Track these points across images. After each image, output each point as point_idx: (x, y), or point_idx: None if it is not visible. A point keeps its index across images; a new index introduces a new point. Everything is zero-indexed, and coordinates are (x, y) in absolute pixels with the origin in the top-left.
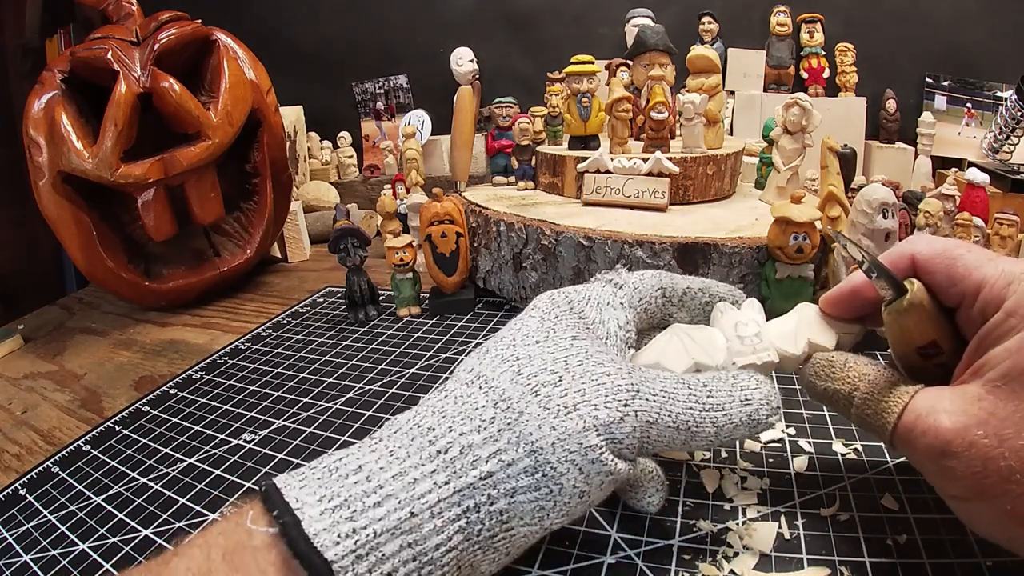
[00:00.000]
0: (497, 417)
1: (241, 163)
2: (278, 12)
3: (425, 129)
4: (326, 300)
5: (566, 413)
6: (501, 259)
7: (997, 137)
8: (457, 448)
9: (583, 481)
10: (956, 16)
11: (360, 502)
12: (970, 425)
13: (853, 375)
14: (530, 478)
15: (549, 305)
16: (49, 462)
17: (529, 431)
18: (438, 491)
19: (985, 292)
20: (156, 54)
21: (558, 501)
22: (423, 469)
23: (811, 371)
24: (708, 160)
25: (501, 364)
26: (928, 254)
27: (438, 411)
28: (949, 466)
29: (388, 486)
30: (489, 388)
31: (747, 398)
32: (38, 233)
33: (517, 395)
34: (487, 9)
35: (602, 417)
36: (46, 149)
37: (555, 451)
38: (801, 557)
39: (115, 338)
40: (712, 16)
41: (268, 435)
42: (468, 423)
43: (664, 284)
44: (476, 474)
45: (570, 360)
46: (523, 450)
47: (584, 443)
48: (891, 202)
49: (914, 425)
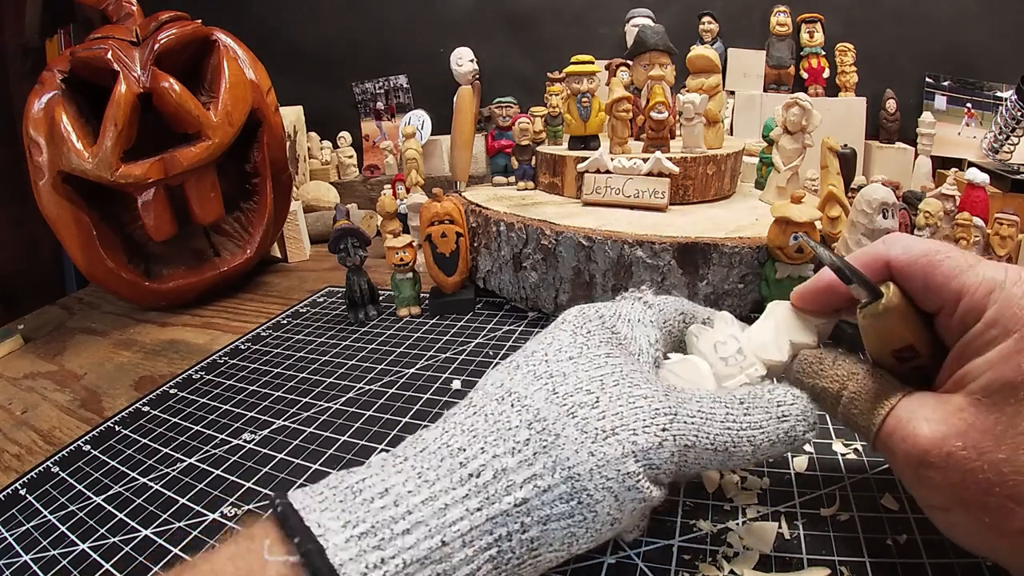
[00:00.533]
0: (532, 439)
1: (241, 163)
2: (278, 12)
3: (425, 129)
4: (326, 300)
5: (604, 438)
6: (501, 259)
7: (997, 137)
8: (490, 472)
9: (617, 508)
10: (956, 16)
11: (388, 529)
12: (949, 436)
13: (841, 373)
14: (565, 505)
15: (580, 319)
16: (49, 462)
17: (566, 455)
18: (470, 518)
19: (965, 300)
20: (156, 54)
21: (590, 528)
22: (454, 494)
23: (798, 368)
24: (708, 160)
25: (534, 381)
26: (905, 260)
27: (468, 430)
28: (927, 476)
29: (418, 512)
30: (522, 407)
31: (784, 414)
32: (38, 233)
33: (553, 416)
34: (487, 9)
35: (641, 443)
36: (46, 149)
37: (592, 478)
38: (801, 557)
39: (115, 338)
40: (712, 16)
41: (268, 435)
42: (501, 444)
43: (686, 310)
44: (510, 500)
45: (606, 380)
46: (560, 476)
47: (622, 470)
48: (891, 202)
49: (894, 430)
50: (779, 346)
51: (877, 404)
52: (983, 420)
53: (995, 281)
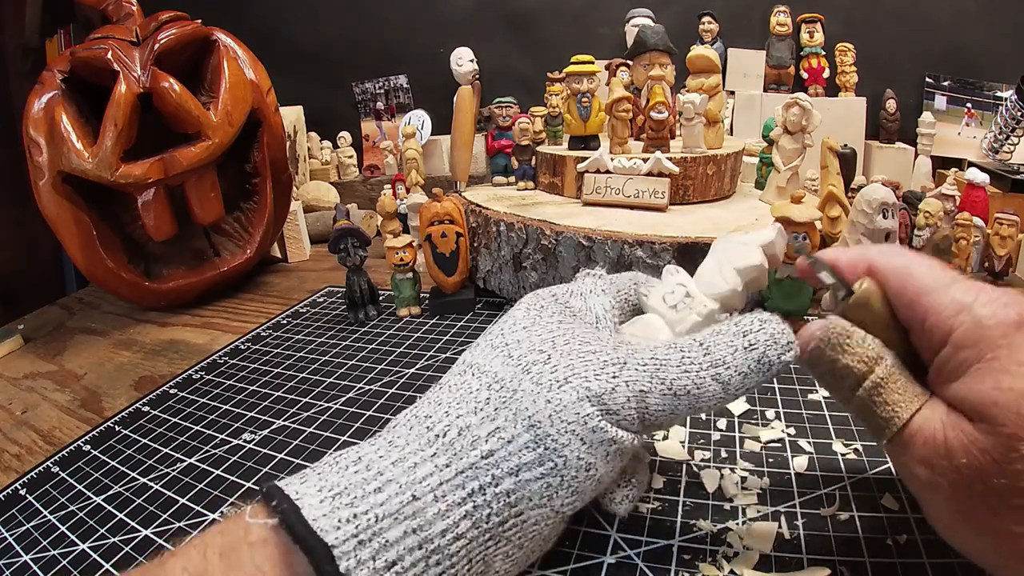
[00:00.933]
0: (492, 397)
1: (241, 163)
2: (278, 12)
3: (425, 129)
4: (326, 300)
5: (559, 386)
6: (501, 259)
7: (997, 137)
8: (455, 430)
9: (587, 452)
10: (956, 16)
11: (360, 489)
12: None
13: (872, 355)
14: (532, 453)
15: (534, 299)
16: (49, 462)
17: (525, 406)
18: (439, 474)
19: (931, 320)
20: (156, 54)
21: (564, 476)
22: (423, 454)
23: (824, 336)
24: (708, 160)
25: (491, 351)
26: (885, 270)
27: (434, 401)
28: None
29: (388, 472)
30: (481, 373)
31: (751, 343)
32: (38, 233)
33: (509, 375)
34: (487, 9)
35: (594, 388)
36: (46, 149)
37: (553, 423)
38: (801, 557)
39: (115, 338)
40: (712, 16)
41: (268, 435)
42: (464, 406)
43: (639, 279)
44: (477, 454)
45: (557, 340)
46: (521, 425)
47: (580, 412)
48: (891, 202)
49: (919, 430)
50: (724, 276)
51: (906, 397)
52: (982, 442)
53: (963, 303)
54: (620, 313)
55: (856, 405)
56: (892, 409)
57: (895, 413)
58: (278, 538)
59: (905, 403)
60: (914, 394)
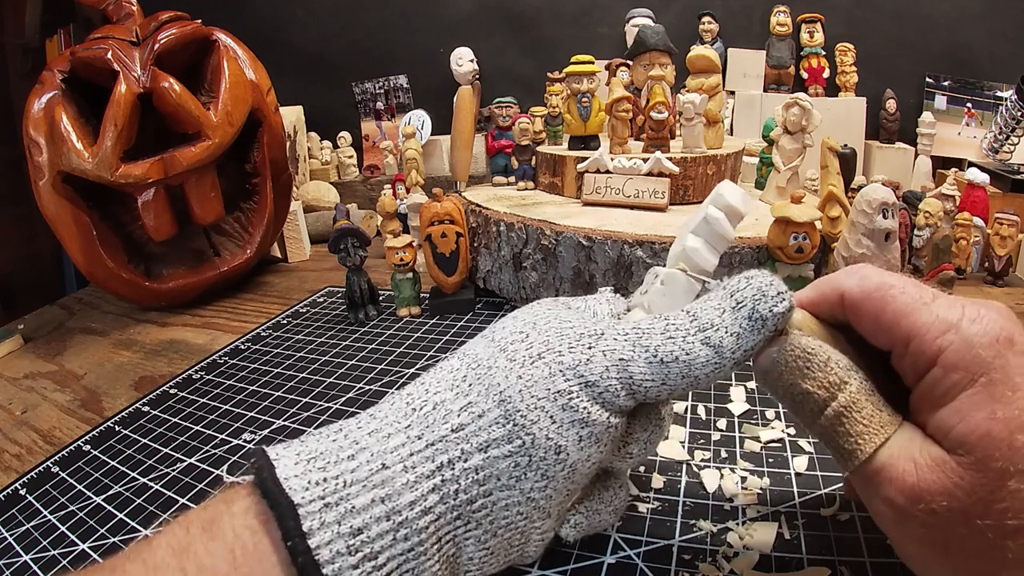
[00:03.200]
0: (468, 375)
1: (241, 163)
2: (278, 12)
3: (425, 129)
4: (326, 300)
5: (532, 362)
6: (501, 259)
7: (997, 137)
8: (430, 405)
9: (556, 432)
10: (956, 16)
11: (334, 455)
12: (934, 492)
13: (834, 380)
14: (502, 429)
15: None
16: (49, 462)
17: (497, 381)
18: (410, 444)
19: (915, 342)
20: (156, 54)
21: (532, 456)
22: (397, 425)
23: (783, 358)
24: (708, 160)
25: (480, 340)
26: (858, 295)
27: (419, 381)
28: (906, 523)
29: (363, 441)
30: (464, 355)
31: (738, 301)
32: (38, 233)
33: (487, 355)
34: (487, 9)
35: (567, 361)
36: (46, 149)
37: (523, 398)
38: (801, 557)
39: (115, 338)
40: (712, 16)
41: (268, 435)
42: (442, 383)
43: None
44: (448, 427)
45: (539, 322)
46: (492, 400)
47: (552, 388)
48: (891, 202)
49: (883, 467)
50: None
51: (872, 428)
52: (969, 480)
53: (949, 322)
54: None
55: (818, 432)
56: (855, 441)
57: (858, 446)
58: (259, 506)
59: (870, 435)
60: (880, 424)
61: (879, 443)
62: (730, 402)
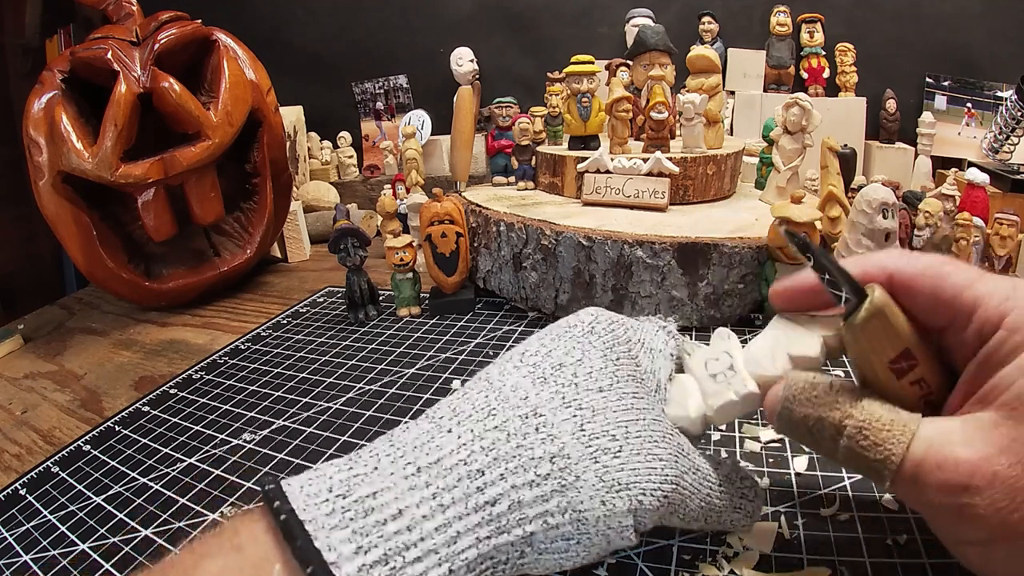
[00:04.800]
0: (552, 475)
1: (241, 163)
2: (278, 12)
3: (425, 129)
4: (326, 300)
5: (617, 491)
6: (501, 259)
7: (997, 137)
8: (507, 503)
9: (606, 548)
10: (956, 16)
11: (400, 557)
12: (991, 454)
13: (843, 399)
14: (564, 542)
15: (610, 339)
16: (49, 462)
17: (580, 499)
18: (478, 547)
19: (981, 311)
20: (156, 54)
21: (575, 560)
22: (468, 520)
23: (788, 395)
24: (708, 160)
25: (563, 409)
26: (910, 273)
27: (488, 449)
28: (970, 504)
29: (430, 540)
30: (548, 436)
31: (739, 507)
32: (38, 233)
33: (576, 455)
34: (487, 9)
35: (645, 503)
36: (46, 149)
37: (597, 524)
38: (801, 557)
39: (115, 338)
40: (712, 16)
41: (268, 435)
42: (522, 475)
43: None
44: (519, 533)
45: (631, 428)
46: (568, 518)
47: (623, 522)
48: (891, 202)
49: (924, 458)
50: (775, 360)
51: (895, 430)
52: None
53: (1007, 288)
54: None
55: (844, 456)
56: (883, 449)
57: (888, 451)
58: None
59: (896, 437)
60: (903, 424)
61: (907, 441)
62: None
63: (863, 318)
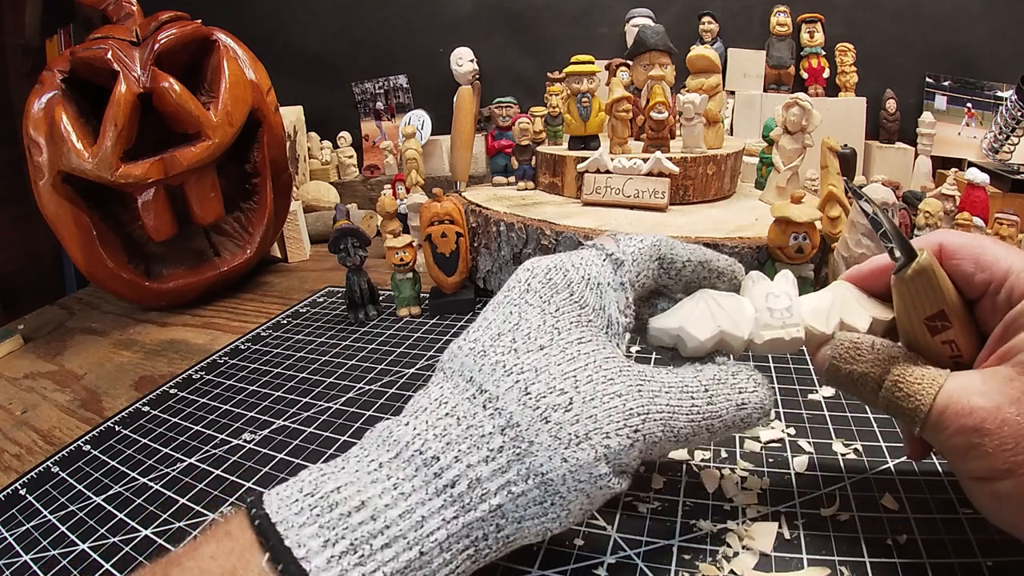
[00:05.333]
0: (506, 446)
1: (241, 163)
2: (278, 12)
3: (425, 129)
4: (326, 300)
5: (577, 443)
6: (501, 259)
7: (997, 137)
8: (465, 482)
9: (589, 503)
10: (956, 16)
11: (367, 545)
12: (1002, 404)
13: (883, 357)
14: (538, 507)
15: (547, 291)
16: (49, 462)
17: (540, 462)
18: (447, 527)
19: (1012, 279)
20: (156, 54)
21: (563, 522)
22: (431, 505)
23: (835, 353)
24: (708, 160)
25: (504, 377)
26: (957, 243)
27: (441, 435)
28: (979, 443)
29: (395, 526)
30: (495, 410)
31: (743, 402)
32: (38, 233)
33: (526, 421)
34: (487, 9)
35: (613, 446)
36: (46, 149)
37: (565, 482)
38: (801, 557)
39: (115, 338)
40: (712, 16)
41: (268, 435)
42: (475, 453)
43: (663, 254)
44: (485, 508)
45: (579, 376)
46: (533, 482)
47: (594, 472)
48: (891, 202)
49: (947, 406)
50: (828, 319)
51: (925, 383)
52: None
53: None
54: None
55: (883, 405)
56: (915, 399)
57: (920, 401)
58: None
59: (925, 388)
60: (932, 378)
61: (935, 391)
62: None
63: (909, 275)
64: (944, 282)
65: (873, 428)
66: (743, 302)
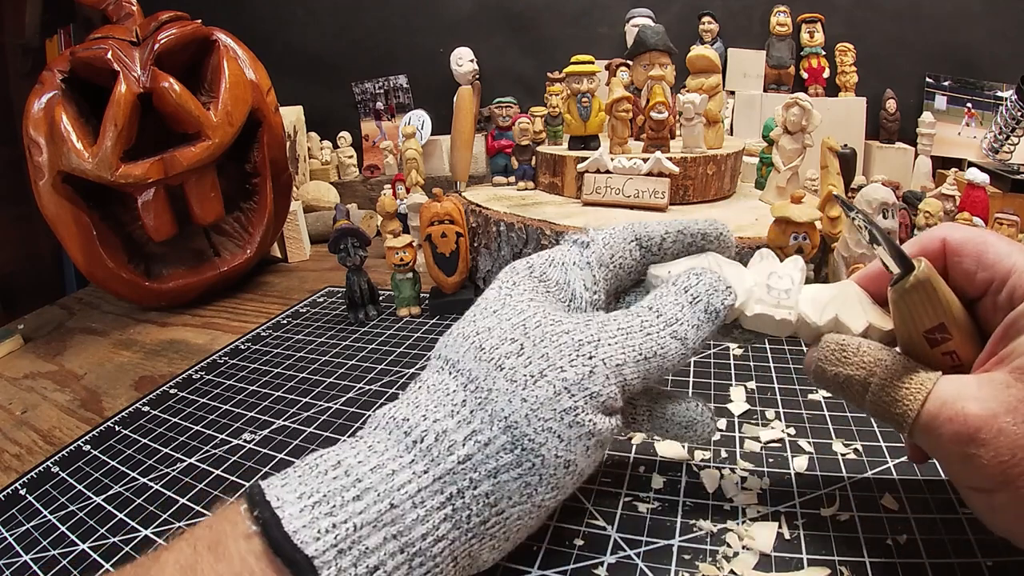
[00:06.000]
0: (468, 399)
1: (241, 163)
2: (278, 12)
3: (425, 129)
4: (326, 300)
5: (534, 381)
6: (501, 259)
7: (997, 137)
8: (432, 435)
9: (565, 448)
10: (956, 16)
11: (339, 496)
12: (999, 412)
13: (868, 360)
14: (510, 455)
15: (508, 274)
16: (49, 462)
17: (500, 407)
18: (417, 480)
19: (1015, 279)
20: (156, 54)
21: (543, 475)
22: (401, 460)
23: (821, 355)
24: (708, 160)
25: (463, 343)
26: (960, 239)
27: (412, 402)
28: (975, 454)
29: (366, 479)
30: (457, 372)
31: (694, 296)
32: (38, 233)
33: (483, 373)
34: (487, 9)
35: (571, 376)
36: (46, 149)
37: (530, 422)
38: (801, 557)
39: (115, 338)
40: (712, 16)
41: (268, 435)
42: (441, 409)
43: (639, 233)
44: (454, 459)
45: (528, 323)
46: (497, 427)
47: (558, 408)
48: (891, 202)
49: (939, 412)
50: (823, 312)
51: (912, 388)
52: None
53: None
54: (611, 283)
55: (870, 409)
56: (903, 403)
57: (907, 405)
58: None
59: (914, 393)
60: (920, 381)
61: (924, 396)
62: (730, 402)
63: (907, 288)
64: (944, 293)
65: (873, 428)
66: (744, 273)
